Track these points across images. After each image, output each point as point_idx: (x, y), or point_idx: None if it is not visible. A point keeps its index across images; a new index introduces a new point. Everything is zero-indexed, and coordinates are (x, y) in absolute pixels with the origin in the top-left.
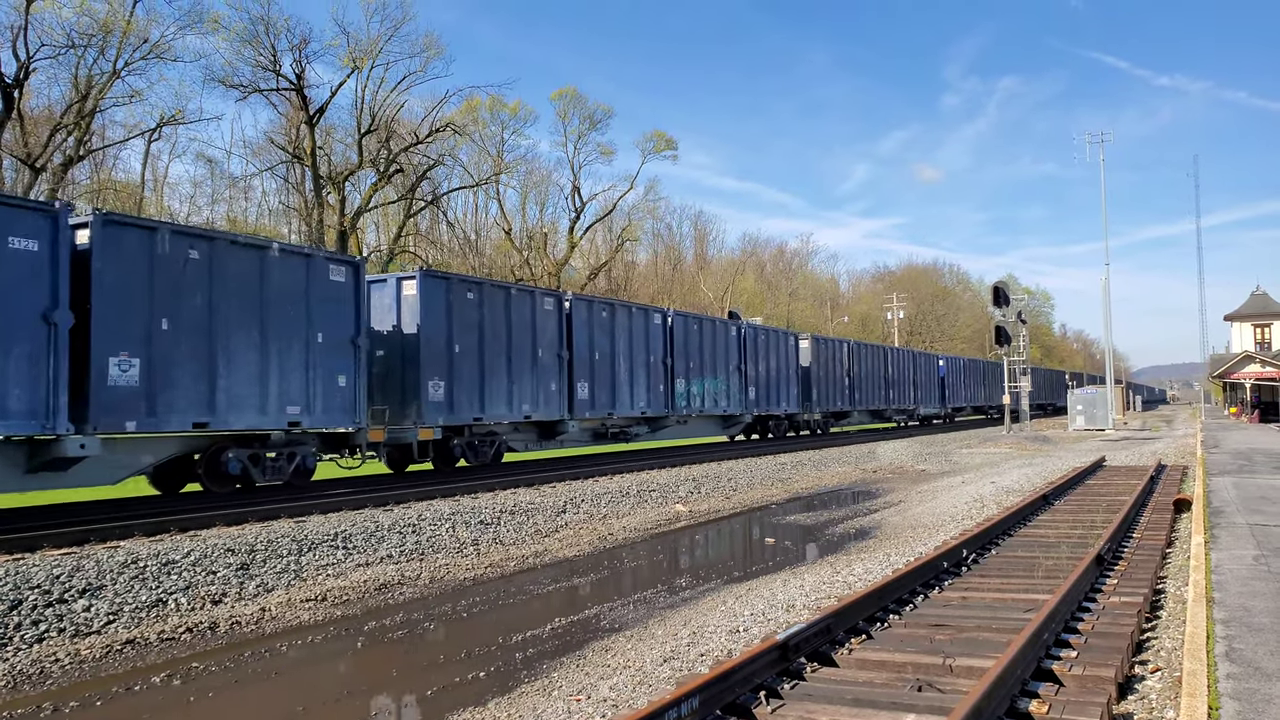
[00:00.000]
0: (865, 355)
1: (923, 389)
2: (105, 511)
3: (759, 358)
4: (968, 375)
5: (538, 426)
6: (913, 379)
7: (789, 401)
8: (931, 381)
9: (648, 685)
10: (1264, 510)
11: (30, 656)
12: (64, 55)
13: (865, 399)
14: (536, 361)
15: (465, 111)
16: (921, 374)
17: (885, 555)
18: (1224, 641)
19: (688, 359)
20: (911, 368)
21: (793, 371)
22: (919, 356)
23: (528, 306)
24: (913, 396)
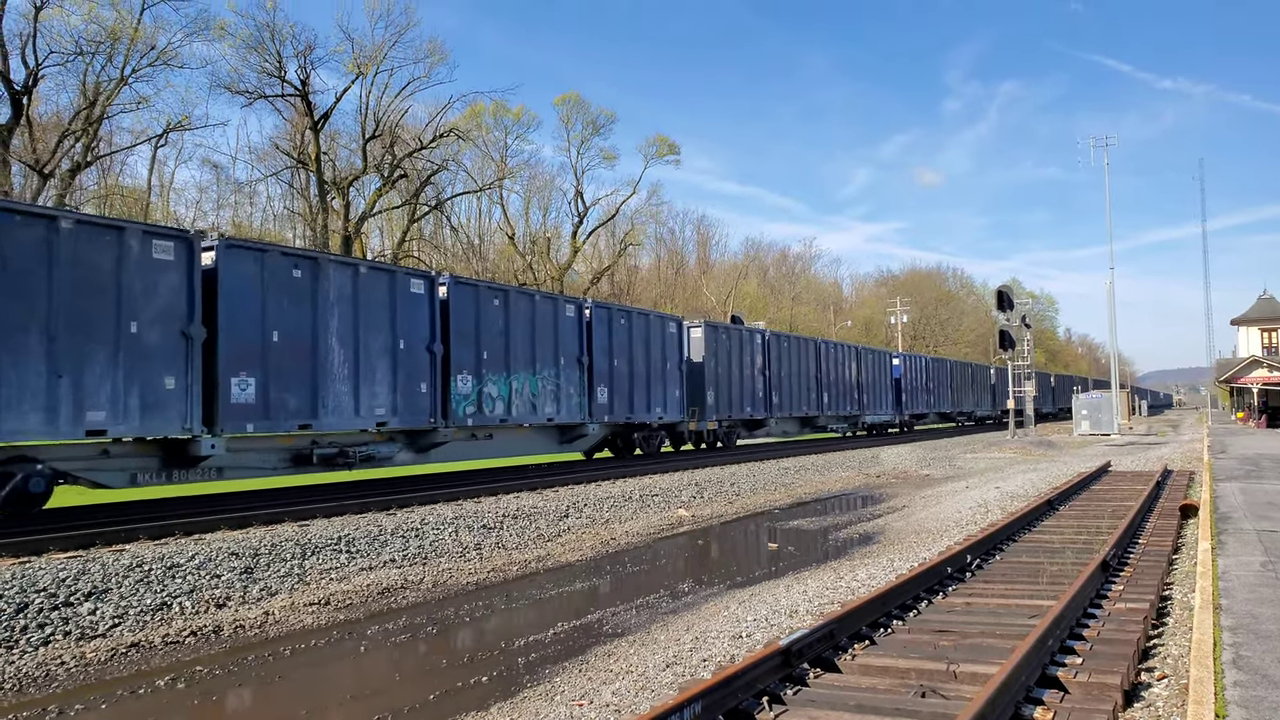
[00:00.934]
0: (789, 351)
1: (871, 392)
2: (110, 515)
3: (616, 348)
4: (933, 377)
5: None
6: (856, 380)
7: (666, 406)
8: (883, 384)
9: (650, 690)
10: (1272, 516)
11: (36, 659)
12: (72, 62)
13: (789, 403)
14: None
15: (469, 117)
16: (869, 374)
17: (889, 560)
18: (1231, 649)
19: (479, 347)
20: (855, 366)
21: (673, 368)
22: (865, 353)
23: None
24: (857, 401)
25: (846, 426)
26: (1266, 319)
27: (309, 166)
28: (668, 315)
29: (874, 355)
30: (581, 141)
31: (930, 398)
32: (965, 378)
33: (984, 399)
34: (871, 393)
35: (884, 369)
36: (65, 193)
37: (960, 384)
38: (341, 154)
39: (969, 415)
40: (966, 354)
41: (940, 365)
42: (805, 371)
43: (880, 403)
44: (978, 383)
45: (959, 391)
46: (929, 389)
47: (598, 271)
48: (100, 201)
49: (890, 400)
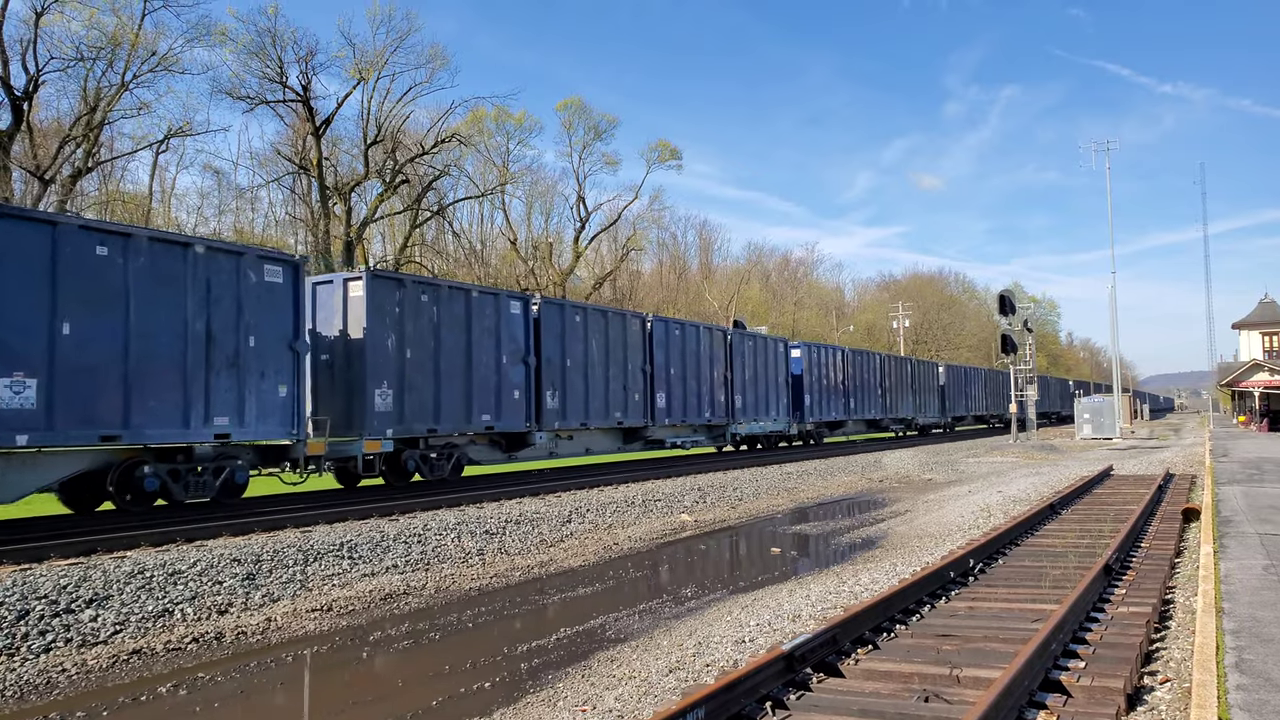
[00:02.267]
0: (863, 362)
1: (752, 394)
2: (112, 522)
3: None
4: (824, 372)
5: None
6: (698, 374)
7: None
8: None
9: (653, 696)
10: (1274, 520)
11: (37, 666)
12: (73, 68)
13: (587, 409)
14: None
15: (471, 122)
16: (707, 370)
17: (891, 565)
18: (1234, 652)
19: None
20: (700, 355)
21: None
22: (704, 332)
23: None
24: (735, 406)
25: (689, 438)
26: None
27: (311, 172)
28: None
29: (924, 366)
30: (583, 147)
31: (835, 403)
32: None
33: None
34: (763, 396)
35: (781, 364)
36: (66, 199)
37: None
38: (343, 159)
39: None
40: (969, 358)
41: (864, 357)
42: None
43: (773, 407)
44: (1005, 388)
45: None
46: (835, 390)
47: (600, 277)
48: (101, 208)
49: (787, 405)
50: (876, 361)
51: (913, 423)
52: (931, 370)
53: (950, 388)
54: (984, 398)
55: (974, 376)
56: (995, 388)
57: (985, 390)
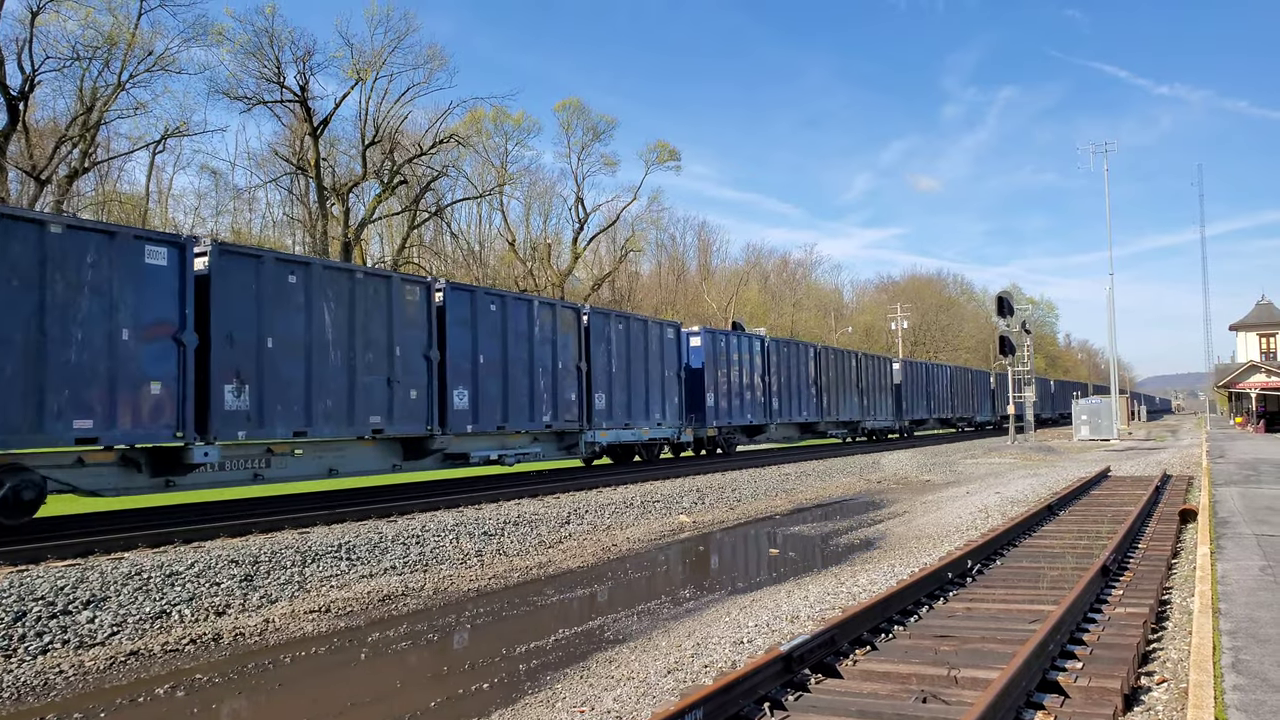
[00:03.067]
0: None
1: (622, 392)
2: (109, 523)
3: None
4: (735, 366)
5: None
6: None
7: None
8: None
9: (652, 697)
10: (1270, 521)
11: (34, 668)
12: (69, 68)
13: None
14: None
15: (469, 123)
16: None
17: (890, 566)
18: (1231, 653)
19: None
20: (535, 339)
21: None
22: (539, 308)
23: None
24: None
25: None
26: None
27: (308, 173)
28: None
29: (874, 362)
30: (582, 148)
31: (933, 403)
32: (966, 383)
33: (984, 405)
34: (655, 397)
35: (883, 374)
36: (63, 199)
37: (962, 389)
38: (341, 160)
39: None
40: (967, 360)
41: (742, 340)
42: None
43: (662, 409)
44: (978, 388)
45: (960, 397)
46: (931, 394)
47: (599, 278)
48: (98, 208)
49: (680, 408)
50: (809, 355)
51: (859, 427)
52: (883, 367)
53: (908, 387)
54: (950, 398)
55: (938, 374)
56: (965, 387)
57: (953, 390)
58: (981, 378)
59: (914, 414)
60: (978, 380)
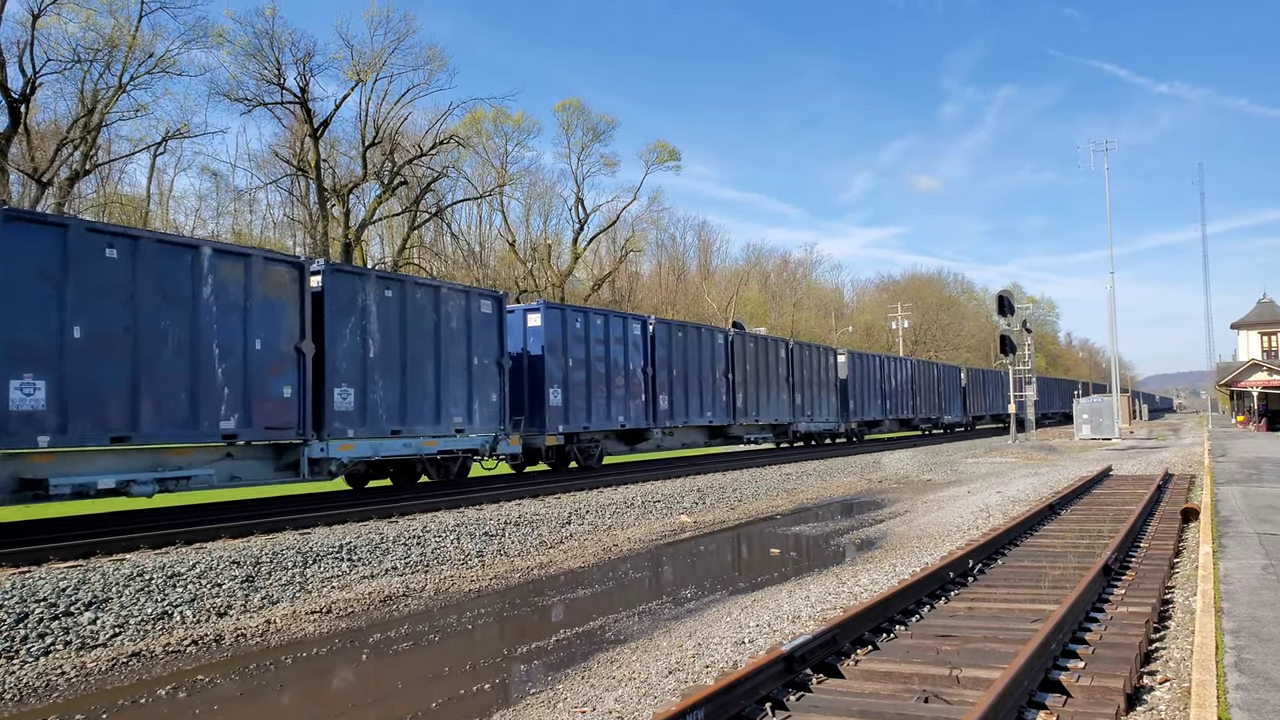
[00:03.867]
0: None
1: (391, 390)
2: (111, 524)
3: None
4: (599, 355)
5: None
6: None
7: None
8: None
9: (653, 697)
10: (1273, 519)
11: (36, 669)
12: (70, 70)
13: None
14: None
15: (469, 123)
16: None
17: (891, 566)
18: (1233, 651)
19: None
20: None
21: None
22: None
23: None
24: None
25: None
26: (1266, 323)
27: (309, 174)
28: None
29: (813, 351)
30: (582, 148)
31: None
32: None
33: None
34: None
35: (824, 366)
36: (64, 201)
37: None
38: (341, 161)
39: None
40: (968, 359)
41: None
42: None
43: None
44: (946, 385)
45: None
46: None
47: (599, 278)
48: (99, 210)
49: None
50: (712, 341)
51: (788, 429)
52: (824, 358)
53: (857, 383)
54: (911, 396)
55: (895, 369)
56: (931, 384)
57: (914, 387)
58: (951, 373)
59: (865, 414)
60: (946, 376)
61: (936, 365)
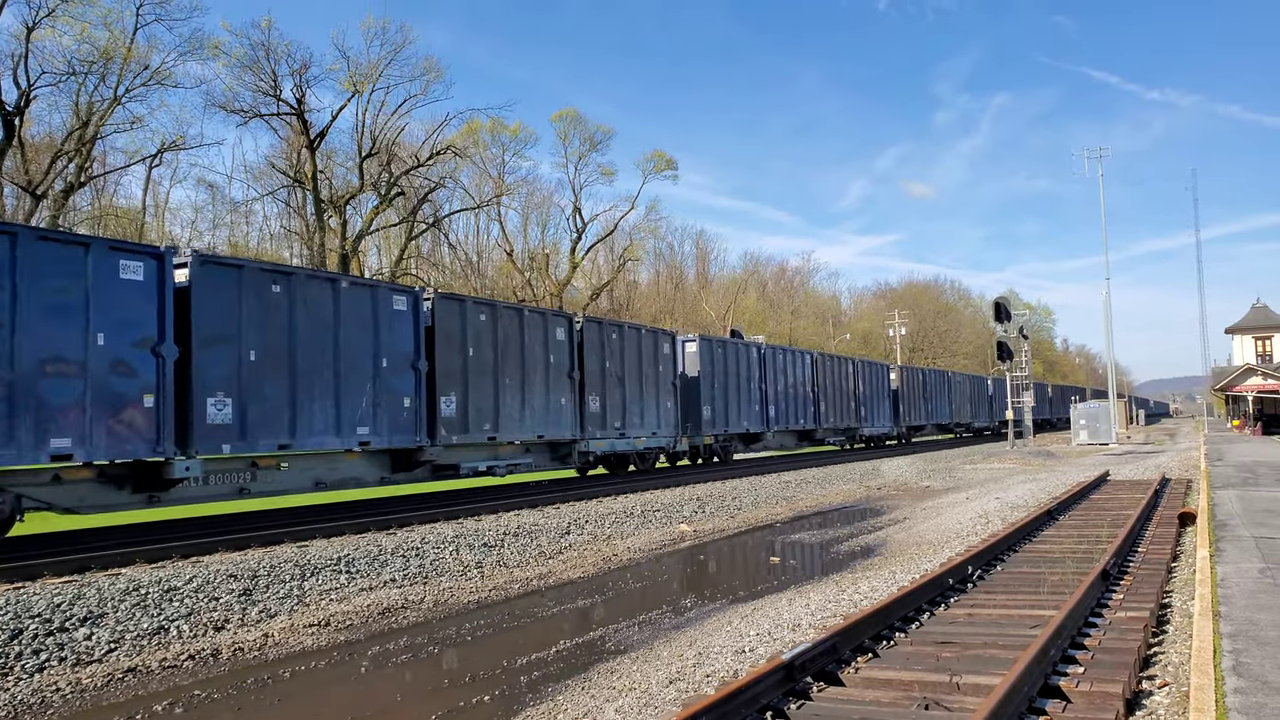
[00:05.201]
0: None
1: None
2: (106, 538)
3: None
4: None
5: None
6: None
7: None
8: None
9: (654, 707)
10: (1269, 523)
11: (31, 686)
12: (65, 82)
13: None
14: None
15: (466, 134)
16: None
17: (890, 573)
18: (1231, 655)
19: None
20: None
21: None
22: None
23: None
24: None
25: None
26: (1260, 327)
27: (305, 185)
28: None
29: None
30: (579, 158)
31: None
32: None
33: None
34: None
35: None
36: (59, 214)
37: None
38: (338, 172)
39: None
40: (965, 365)
41: None
42: None
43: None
44: (976, 394)
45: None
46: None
47: (597, 287)
48: (94, 222)
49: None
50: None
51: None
52: (880, 373)
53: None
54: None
55: (935, 381)
56: (962, 393)
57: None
58: (979, 383)
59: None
60: (976, 386)
61: (968, 376)
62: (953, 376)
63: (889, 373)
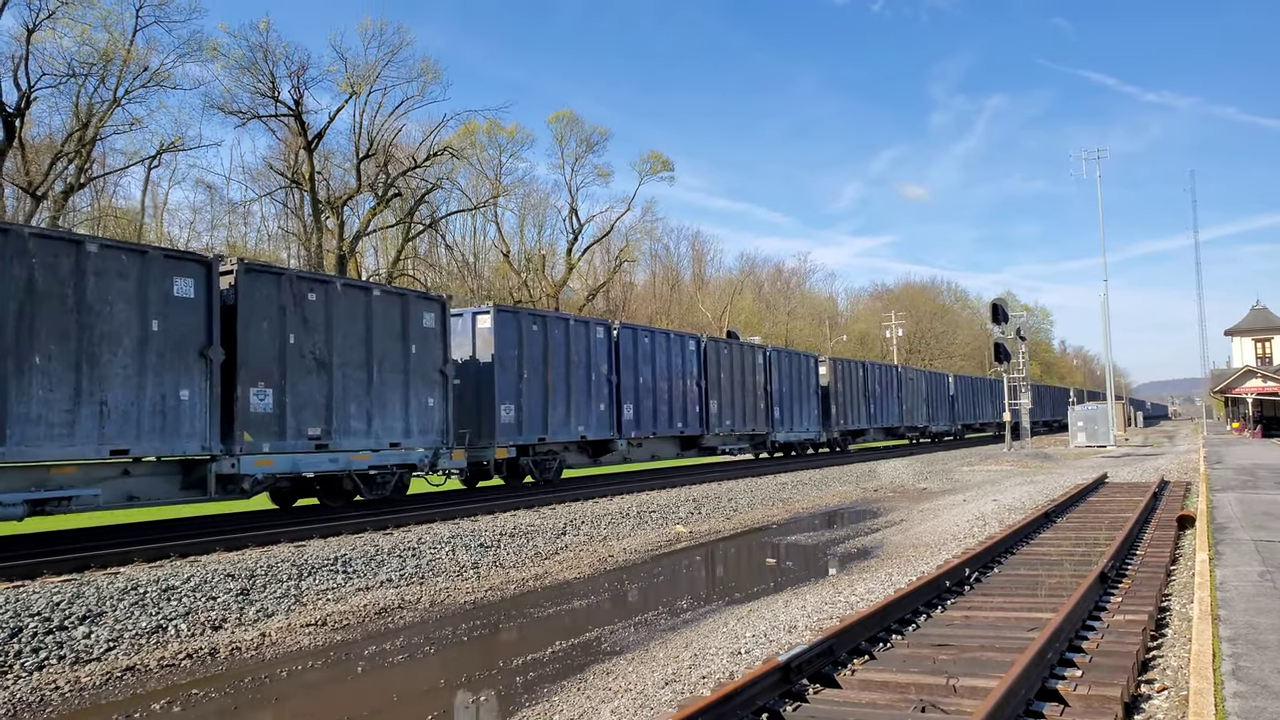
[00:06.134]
0: None
1: None
2: (105, 537)
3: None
4: None
5: None
6: None
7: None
8: None
9: (649, 709)
10: (1269, 526)
11: (30, 684)
12: (65, 84)
13: None
14: None
15: (463, 135)
16: None
17: (887, 575)
18: (1230, 659)
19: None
20: None
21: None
22: None
23: None
24: None
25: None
26: (1260, 329)
27: (303, 186)
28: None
29: None
30: (575, 159)
31: None
32: None
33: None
34: None
35: None
36: (59, 215)
37: None
38: (335, 173)
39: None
40: (962, 367)
41: None
42: None
43: None
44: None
45: None
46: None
47: (593, 288)
48: (94, 223)
49: None
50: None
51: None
52: (803, 365)
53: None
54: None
55: (880, 376)
56: (916, 392)
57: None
58: (939, 380)
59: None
60: (934, 384)
61: (926, 373)
62: (905, 372)
63: (818, 366)
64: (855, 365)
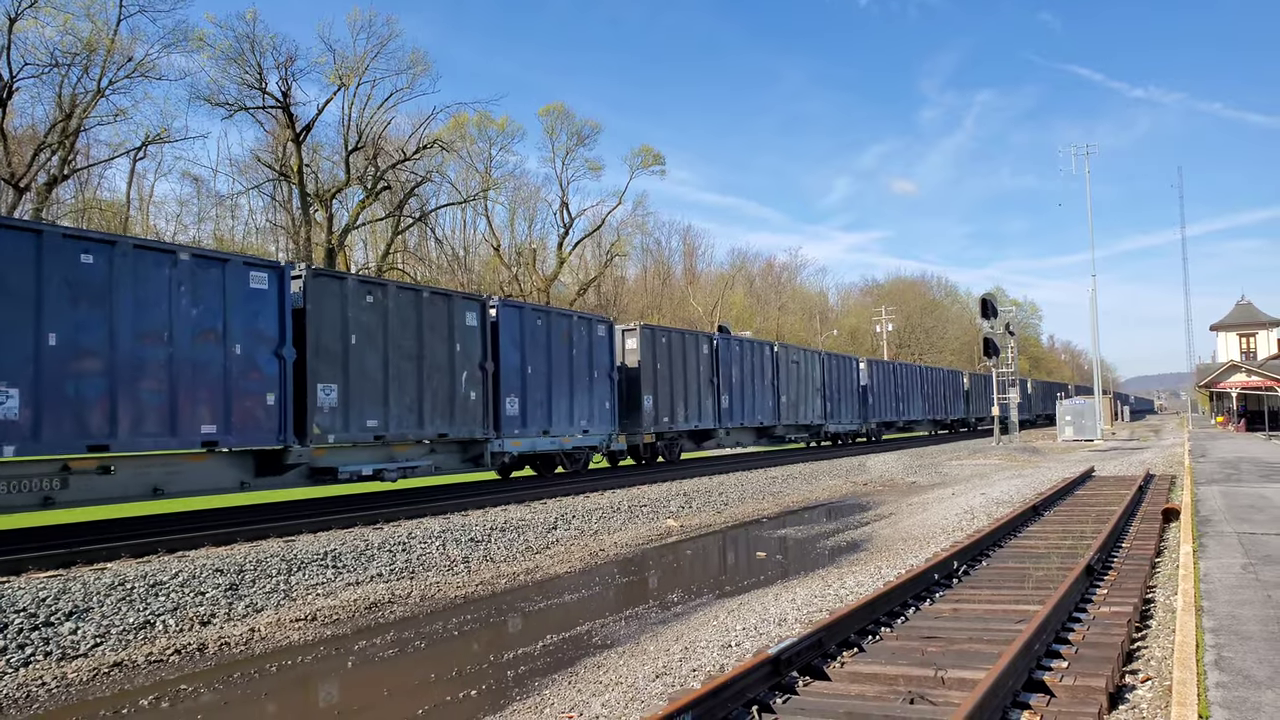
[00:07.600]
0: None
1: None
2: (92, 533)
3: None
4: None
5: None
6: None
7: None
8: None
9: (640, 701)
10: (1251, 519)
11: (16, 680)
12: (48, 74)
13: None
14: None
15: (453, 128)
16: None
17: (876, 568)
18: (1213, 650)
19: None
20: None
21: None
22: None
23: None
24: None
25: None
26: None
27: (291, 179)
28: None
29: None
30: (566, 152)
31: None
32: None
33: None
34: None
35: None
36: (42, 207)
37: None
38: (324, 166)
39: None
40: (951, 361)
41: None
42: None
43: None
44: (950, 389)
45: None
46: None
47: (584, 283)
48: (78, 215)
49: None
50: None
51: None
52: (848, 367)
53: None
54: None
55: (907, 375)
56: (936, 388)
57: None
58: (954, 378)
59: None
60: (950, 381)
61: (942, 371)
62: (929, 372)
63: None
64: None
